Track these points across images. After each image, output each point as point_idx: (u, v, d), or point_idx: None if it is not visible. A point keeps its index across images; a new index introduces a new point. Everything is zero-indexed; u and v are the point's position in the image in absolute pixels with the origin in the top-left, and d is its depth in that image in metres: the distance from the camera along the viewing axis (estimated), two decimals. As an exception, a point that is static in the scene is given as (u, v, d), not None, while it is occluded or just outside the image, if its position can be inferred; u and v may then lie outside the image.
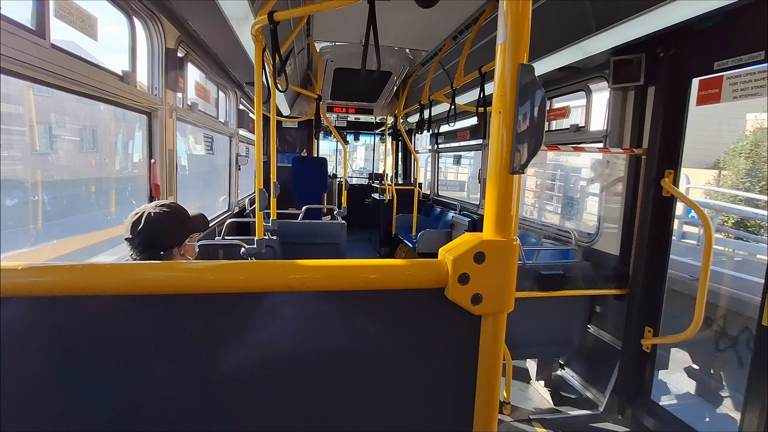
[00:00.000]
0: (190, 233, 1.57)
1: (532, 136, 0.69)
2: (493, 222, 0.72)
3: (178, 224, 1.51)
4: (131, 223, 1.44)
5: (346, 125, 8.48)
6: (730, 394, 2.80)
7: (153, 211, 1.46)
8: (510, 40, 0.67)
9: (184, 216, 1.55)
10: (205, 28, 2.74)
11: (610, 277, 2.79)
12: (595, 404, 2.84)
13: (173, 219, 1.49)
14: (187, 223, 1.55)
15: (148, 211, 1.46)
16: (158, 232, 1.45)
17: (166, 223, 1.47)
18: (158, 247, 1.46)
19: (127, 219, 1.47)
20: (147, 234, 1.42)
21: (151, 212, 1.46)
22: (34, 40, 1.46)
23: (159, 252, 1.46)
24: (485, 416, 0.79)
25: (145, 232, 1.42)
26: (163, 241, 1.47)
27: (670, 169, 2.42)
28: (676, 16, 2.00)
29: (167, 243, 1.48)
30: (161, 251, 1.46)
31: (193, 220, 1.60)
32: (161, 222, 1.46)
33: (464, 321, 0.76)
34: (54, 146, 2.76)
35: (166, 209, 1.49)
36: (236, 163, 4.60)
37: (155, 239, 1.44)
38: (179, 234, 1.52)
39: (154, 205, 1.50)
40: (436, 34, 3.92)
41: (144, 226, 1.42)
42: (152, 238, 1.44)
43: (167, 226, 1.47)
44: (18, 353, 0.64)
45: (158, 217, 1.45)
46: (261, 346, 0.73)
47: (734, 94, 2.11)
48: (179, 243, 1.52)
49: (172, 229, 1.49)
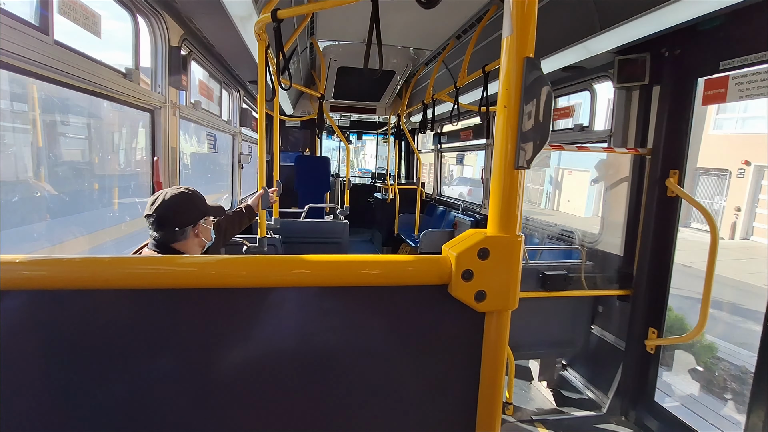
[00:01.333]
0: (204, 215, 1.69)
1: (537, 132, 0.68)
2: (497, 218, 0.71)
3: (191, 205, 1.64)
4: (150, 201, 1.59)
5: (349, 124, 8.47)
6: (734, 397, 2.78)
7: (170, 192, 1.61)
8: (516, 34, 0.66)
9: (199, 199, 1.68)
10: (209, 26, 2.74)
11: (613, 277, 2.77)
12: (598, 405, 2.82)
13: (187, 199, 1.63)
14: (201, 206, 1.68)
15: (166, 192, 1.61)
16: (172, 210, 1.58)
17: (180, 202, 1.60)
18: (172, 223, 1.58)
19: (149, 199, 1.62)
20: (161, 211, 1.56)
21: (168, 193, 1.61)
22: (38, 36, 1.46)
23: (174, 228, 1.59)
24: (488, 415, 0.78)
25: (160, 209, 1.56)
26: (177, 219, 1.59)
27: (675, 169, 2.41)
28: (681, 16, 1.98)
29: (181, 220, 1.60)
30: (176, 227, 1.59)
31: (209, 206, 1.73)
32: (176, 201, 1.59)
33: (468, 318, 0.75)
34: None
35: (182, 191, 1.64)
36: (239, 161, 4.61)
37: (169, 216, 1.57)
38: (192, 213, 1.64)
39: (174, 188, 1.65)
40: (439, 34, 3.91)
41: (160, 204, 1.57)
42: (167, 215, 1.57)
43: (181, 205, 1.61)
44: (17, 346, 0.63)
45: (173, 197, 1.60)
46: (262, 341, 0.72)
47: (740, 94, 2.09)
48: (192, 222, 1.64)
49: (185, 208, 1.62)
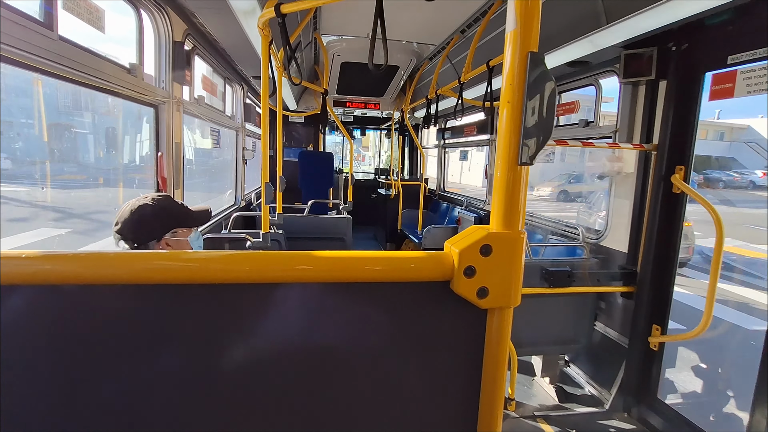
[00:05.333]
0: (168, 229, 1.48)
1: (541, 127, 0.67)
2: (500, 214, 0.71)
3: (152, 219, 1.43)
4: (117, 215, 1.42)
5: (353, 120, 8.45)
6: (737, 394, 2.77)
7: (131, 207, 1.42)
8: (519, 28, 0.65)
9: (166, 211, 1.46)
10: (212, 22, 2.74)
11: (617, 274, 2.76)
12: (601, 402, 2.82)
13: (148, 213, 1.42)
14: (165, 219, 1.46)
15: (131, 204, 1.43)
16: (132, 226, 1.40)
17: (139, 217, 1.41)
18: (132, 240, 1.40)
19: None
20: (121, 227, 1.39)
21: (129, 207, 1.42)
22: (41, 31, 1.47)
23: (133, 245, 1.40)
24: (490, 412, 0.78)
25: (120, 225, 1.39)
26: (137, 235, 1.41)
27: (681, 165, 2.38)
28: (689, 10, 1.95)
29: (141, 237, 1.42)
30: (135, 244, 1.40)
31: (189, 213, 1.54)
32: (135, 217, 1.41)
33: (470, 315, 0.75)
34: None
35: (145, 204, 1.43)
36: (243, 157, 4.62)
37: (128, 234, 1.40)
38: (154, 228, 1.44)
39: (139, 199, 1.46)
40: (443, 28, 3.88)
41: (120, 219, 1.40)
42: (125, 233, 1.40)
43: (140, 220, 1.41)
44: (19, 341, 0.64)
45: (133, 213, 1.41)
46: (264, 337, 0.73)
47: (748, 89, 2.07)
48: (156, 237, 1.45)
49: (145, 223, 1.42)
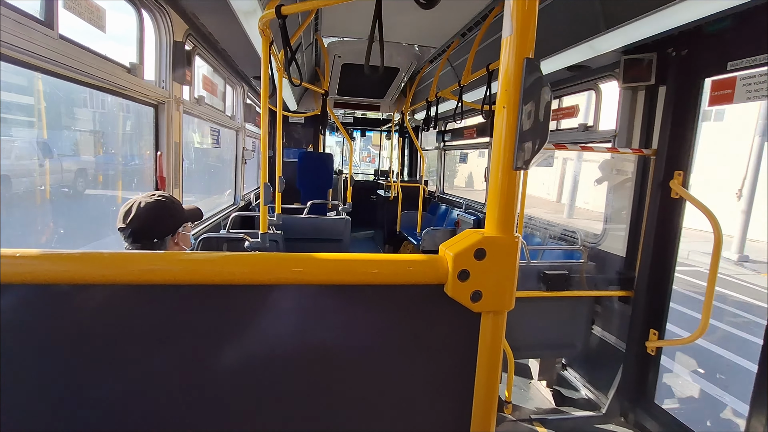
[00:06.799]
0: (181, 223, 1.57)
1: (536, 133, 0.67)
2: (495, 218, 0.71)
3: (168, 213, 1.51)
4: (123, 213, 1.45)
5: (353, 121, 8.46)
6: (734, 399, 2.77)
7: (144, 201, 1.47)
8: (515, 34, 0.66)
9: (175, 206, 1.56)
10: (213, 22, 2.75)
11: (615, 278, 2.76)
12: (598, 406, 2.81)
13: (164, 208, 1.50)
14: (177, 213, 1.55)
15: (139, 201, 1.47)
16: (149, 222, 1.45)
17: (156, 212, 1.47)
18: (150, 236, 1.47)
19: (120, 209, 1.47)
20: (137, 224, 1.43)
21: (141, 202, 1.46)
22: (42, 30, 1.47)
23: (152, 240, 1.47)
24: (483, 414, 0.78)
25: (135, 222, 1.43)
26: (155, 231, 1.48)
27: (680, 170, 2.39)
28: (688, 16, 1.96)
29: (159, 232, 1.49)
30: (154, 239, 1.48)
31: (186, 210, 1.61)
32: (151, 212, 1.46)
33: (463, 318, 0.75)
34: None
35: (156, 199, 1.50)
36: (242, 157, 4.62)
37: (146, 228, 1.45)
38: (170, 223, 1.52)
39: (146, 195, 1.51)
40: (444, 31, 3.90)
41: (134, 216, 1.43)
42: (143, 228, 1.44)
43: (158, 215, 1.47)
44: (17, 341, 0.64)
45: (148, 207, 1.46)
46: (261, 338, 0.73)
47: (748, 95, 2.07)
48: (171, 231, 1.53)
49: (162, 218, 1.49)
